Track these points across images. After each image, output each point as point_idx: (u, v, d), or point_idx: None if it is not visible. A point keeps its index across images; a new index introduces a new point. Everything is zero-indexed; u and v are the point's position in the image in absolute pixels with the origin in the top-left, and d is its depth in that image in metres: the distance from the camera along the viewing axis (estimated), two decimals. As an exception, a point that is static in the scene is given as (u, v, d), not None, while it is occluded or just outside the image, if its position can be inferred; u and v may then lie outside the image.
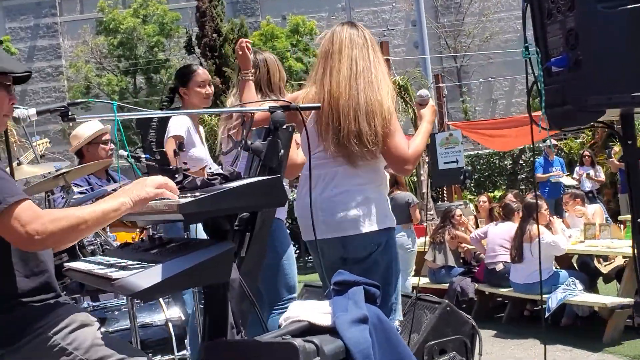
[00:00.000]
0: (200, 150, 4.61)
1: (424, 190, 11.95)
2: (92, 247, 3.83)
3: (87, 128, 5.18)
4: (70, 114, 2.54)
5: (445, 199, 14.28)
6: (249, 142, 2.70)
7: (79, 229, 2.30)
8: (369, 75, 3.41)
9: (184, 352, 3.90)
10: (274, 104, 2.77)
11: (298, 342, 2.31)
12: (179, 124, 4.52)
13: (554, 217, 8.01)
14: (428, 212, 10.43)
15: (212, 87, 4.91)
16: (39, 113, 2.52)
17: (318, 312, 2.61)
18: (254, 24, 30.52)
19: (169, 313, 3.91)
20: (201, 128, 5.05)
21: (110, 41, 29.55)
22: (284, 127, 2.67)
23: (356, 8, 33.00)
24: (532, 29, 3.03)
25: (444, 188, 14.73)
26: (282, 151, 2.67)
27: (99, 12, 30.06)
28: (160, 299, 3.94)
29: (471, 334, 3.98)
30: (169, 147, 4.46)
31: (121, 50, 29.92)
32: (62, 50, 33.54)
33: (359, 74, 3.41)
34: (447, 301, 4.16)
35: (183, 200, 2.25)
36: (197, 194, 2.36)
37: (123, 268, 2.36)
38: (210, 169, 4.64)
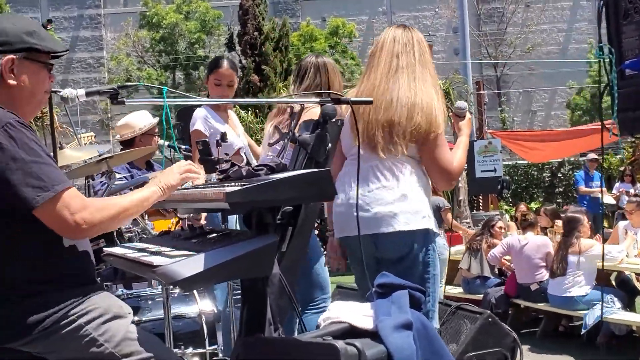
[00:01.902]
0: (231, 135, 4.56)
1: (462, 197, 11.79)
2: (129, 234, 3.79)
3: (140, 118, 5.22)
4: (119, 97, 2.48)
5: (481, 208, 14.09)
6: (297, 134, 2.63)
7: (120, 217, 2.34)
8: (410, 71, 3.34)
9: (215, 346, 3.83)
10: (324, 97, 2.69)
11: (340, 344, 2.22)
12: (195, 119, 4.61)
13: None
14: (464, 220, 10.27)
15: (233, 88, 4.86)
16: (88, 94, 2.47)
17: (359, 314, 2.52)
18: (294, 25, 30.56)
19: (202, 305, 3.84)
20: (232, 114, 4.99)
21: (153, 36, 29.79)
22: (333, 120, 2.59)
23: (397, 12, 32.94)
24: (596, 29, 2.88)
25: (480, 197, 14.53)
26: (329, 145, 2.60)
27: (142, 6, 30.32)
28: (195, 291, 3.88)
29: (512, 347, 3.86)
30: (193, 142, 4.56)
31: (162, 45, 30.16)
32: (104, 42, 33.89)
33: (400, 69, 3.35)
34: (489, 312, 4.04)
35: (229, 189, 2.17)
36: (243, 183, 2.30)
37: (165, 256, 2.31)
38: (244, 153, 4.62)
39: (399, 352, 2.33)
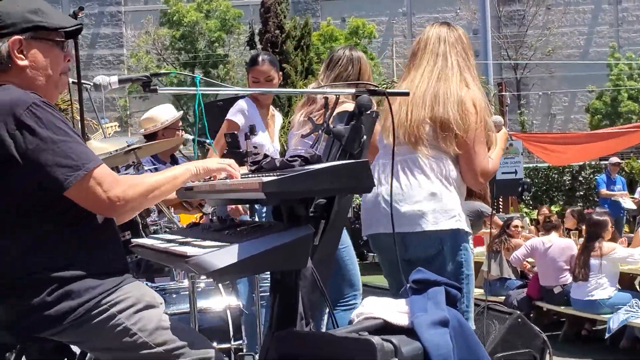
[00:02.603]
0: (261, 137, 4.53)
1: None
2: (155, 226, 3.76)
3: (164, 112, 5.24)
4: (152, 84, 2.44)
5: (501, 210, 13.98)
6: (331, 126, 2.58)
7: (153, 195, 2.31)
8: (455, 70, 3.30)
9: (240, 341, 3.78)
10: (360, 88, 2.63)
11: (376, 339, 2.16)
12: (235, 109, 4.59)
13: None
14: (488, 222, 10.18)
15: (272, 84, 4.86)
16: (120, 81, 2.44)
17: (394, 310, 2.46)
18: (314, 25, 30.57)
19: (228, 300, 3.79)
20: (278, 117, 4.98)
21: (173, 34, 29.88)
22: (368, 112, 2.54)
23: (417, 13, 32.86)
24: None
25: (500, 199, 14.42)
26: (364, 137, 2.54)
27: (163, 4, 30.41)
28: (220, 285, 3.83)
29: (542, 349, 3.80)
30: (222, 128, 4.57)
31: (182, 43, 30.23)
32: (125, 40, 34.04)
33: (442, 69, 3.30)
34: (518, 312, 3.97)
35: (265, 179, 2.12)
36: (279, 173, 2.25)
37: (196, 246, 2.26)
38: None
39: (435, 350, 2.27)
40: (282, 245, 2.18)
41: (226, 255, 2.11)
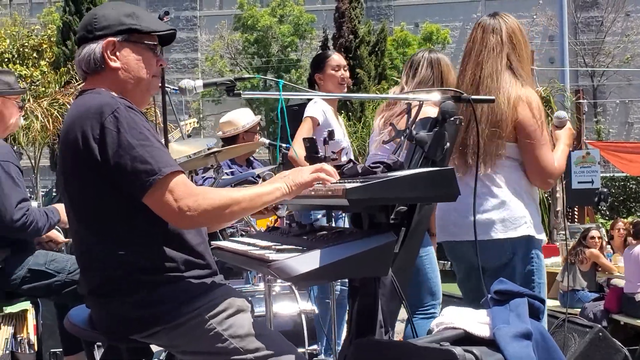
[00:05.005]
0: (338, 132, 4.54)
1: (559, 208, 11.41)
2: (232, 229, 3.78)
3: (244, 116, 5.32)
4: (235, 89, 2.45)
5: (576, 220, 13.62)
6: (414, 132, 2.54)
7: (231, 210, 2.21)
8: (495, 81, 3.18)
9: (315, 346, 3.78)
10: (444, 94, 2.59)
11: (458, 350, 2.12)
12: (316, 107, 4.55)
13: None
14: (560, 232, 9.97)
15: (348, 72, 4.88)
16: (205, 85, 2.45)
17: (475, 321, 2.41)
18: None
19: (302, 305, 3.80)
20: (340, 118, 5.00)
21: (247, 38, 30.24)
22: (452, 119, 2.49)
23: (492, 19, 32.34)
24: None
25: (576, 208, 14.06)
26: (447, 144, 2.49)
27: (237, 9, 30.81)
28: (295, 290, 3.84)
29: (623, 364, 3.68)
30: (303, 126, 4.50)
31: (255, 48, 30.56)
32: (199, 44, 34.62)
33: (483, 80, 3.20)
34: (599, 326, 3.86)
35: (349, 185, 2.11)
36: (362, 180, 2.23)
37: (279, 251, 2.25)
38: (346, 154, 4.59)
39: (517, 363, 2.22)
40: (365, 252, 2.16)
41: (308, 260, 2.10)
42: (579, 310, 7.89)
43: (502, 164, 3.19)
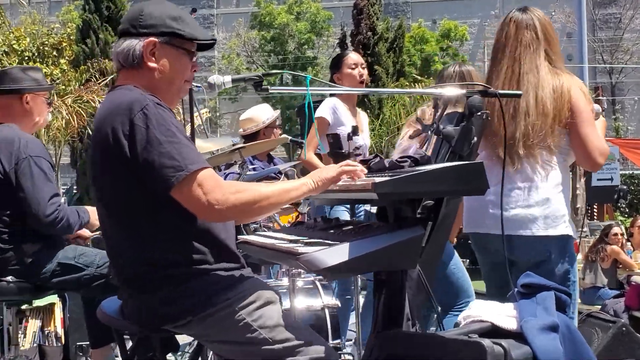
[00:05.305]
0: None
1: (579, 205, 11.38)
2: (254, 224, 3.82)
3: (263, 112, 5.36)
4: (263, 84, 2.47)
5: (595, 217, 13.58)
6: (441, 127, 2.56)
7: (260, 205, 2.26)
8: (534, 76, 3.18)
9: (339, 340, 3.80)
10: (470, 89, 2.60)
11: (487, 342, 2.14)
12: (324, 107, 4.63)
13: None
14: (580, 229, 9.93)
15: (366, 71, 4.92)
16: (234, 81, 2.50)
17: (502, 314, 2.43)
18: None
19: (326, 300, 3.82)
20: (363, 114, 5.00)
21: (264, 35, 30.28)
22: (479, 113, 2.51)
23: (510, 16, 32.21)
24: None
25: (595, 206, 14.02)
26: (474, 139, 2.51)
27: (254, 6, 30.86)
28: (318, 285, 3.86)
29: (646, 359, 3.67)
30: (314, 127, 4.50)
31: (272, 46, 30.59)
32: (216, 42, 34.69)
33: (522, 75, 3.19)
34: (622, 321, 3.86)
35: (378, 179, 2.13)
36: (388, 174, 2.25)
37: (307, 244, 2.28)
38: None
39: (545, 355, 2.23)
40: (393, 245, 2.18)
41: (337, 253, 2.13)
42: (599, 307, 7.88)
43: (548, 159, 3.18)
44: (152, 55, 2.40)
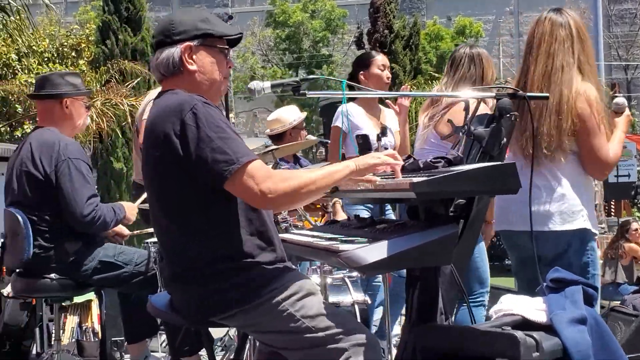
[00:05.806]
0: (369, 130, 4.65)
1: (597, 201, 11.42)
2: (285, 224, 3.92)
3: (290, 113, 5.47)
4: (301, 89, 2.58)
5: (613, 213, 13.61)
6: (472, 128, 2.66)
7: (307, 189, 2.37)
8: (566, 73, 3.27)
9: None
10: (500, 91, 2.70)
11: (519, 334, 2.25)
12: (336, 115, 4.70)
13: None
14: (599, 225, 9.97)
15: (390, 73, 5.02)
16: (272, 86, 2.59)
17: (532, 307, 2.53)
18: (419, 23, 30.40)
19: (355, 296, 3.94)
20: (388, 112, 5.07)
21: (279, 34, 30.33)
22: (508, 115, 2.61)
23: (524, 12, 32.16)
24: None
25: (612, 202, 14.04)
26: (504, 139, 2.61)
27: (269, 4, 30.93)
28: (348, 281, 3.98)
29: (670, 352, 3.75)
30: (331, 137, 4.74)
31: (287, 44, 30.63)
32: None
33: (555, 71, 3.28)
34: (645, 314, 3.94)
35: (416, 179, 2.24)
36: (425, 174, 2.36)
37: (345, 242, 2.39)
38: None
39: (574, 346, 2.33)
40: (429, 242, 2.29)
41: (376, 250, 2.24)
42: (618, 303, 7.93)
43: (565, 157, 3.28)
44: (191, 59, 2.53)
